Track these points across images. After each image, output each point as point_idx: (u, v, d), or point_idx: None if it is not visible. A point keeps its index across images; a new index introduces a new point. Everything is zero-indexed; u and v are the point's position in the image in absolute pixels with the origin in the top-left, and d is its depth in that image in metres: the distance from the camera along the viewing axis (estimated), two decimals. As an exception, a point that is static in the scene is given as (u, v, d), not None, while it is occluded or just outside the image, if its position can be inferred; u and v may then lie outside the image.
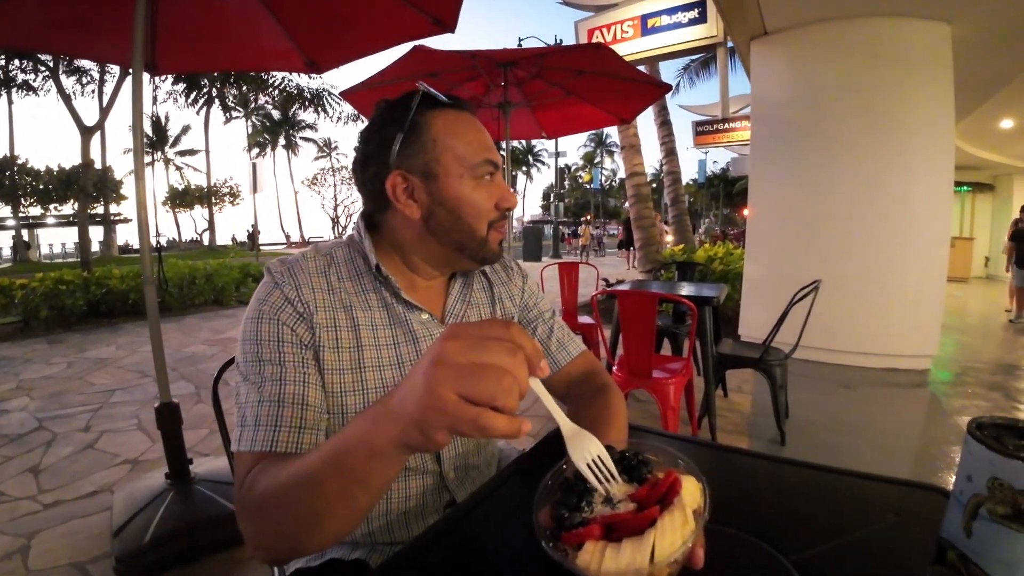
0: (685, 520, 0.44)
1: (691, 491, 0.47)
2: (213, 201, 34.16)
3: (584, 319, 3.95)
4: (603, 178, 52.89)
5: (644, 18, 7.38)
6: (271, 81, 26.13)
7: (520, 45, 10.85)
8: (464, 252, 0.82)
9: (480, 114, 0.86)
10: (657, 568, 0.42)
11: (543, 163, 57.77)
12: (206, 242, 34.99)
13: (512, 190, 0.86)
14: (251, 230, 33.97)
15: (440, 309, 0.88)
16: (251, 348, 0.72)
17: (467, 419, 0.40)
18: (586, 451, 0.50)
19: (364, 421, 0.49)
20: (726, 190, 43.23)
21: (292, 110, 36.92)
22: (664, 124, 10.32)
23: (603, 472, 0.51)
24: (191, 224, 51.71)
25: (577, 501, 0.49)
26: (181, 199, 36.08)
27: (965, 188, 13.32)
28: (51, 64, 15.05)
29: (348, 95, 3.89)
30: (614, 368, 2.71)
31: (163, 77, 16.20)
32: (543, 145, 52.07)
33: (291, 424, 0.67)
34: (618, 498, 0.49)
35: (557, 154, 34.46)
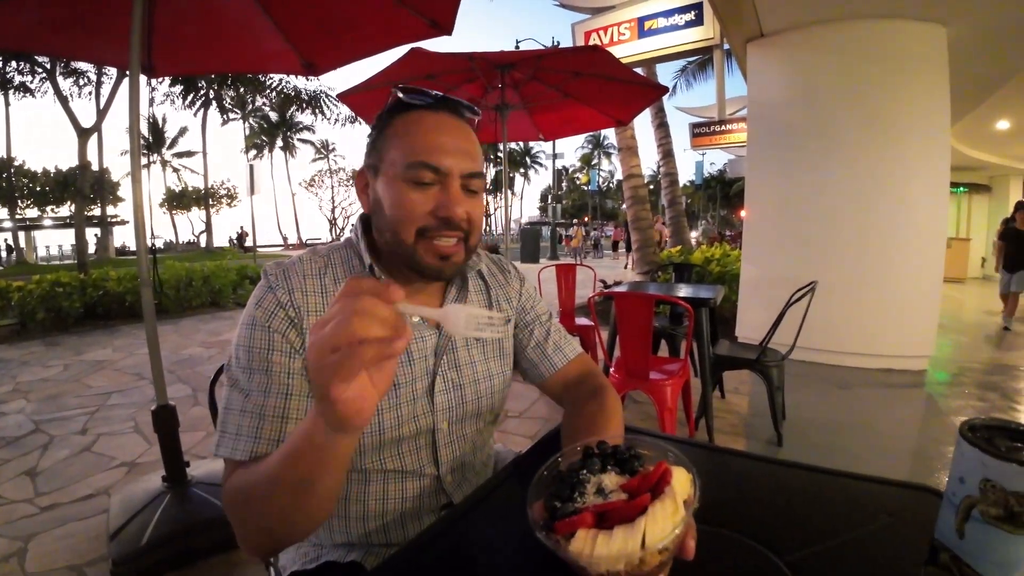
0: (676, 508, 0.45)
1: (681, 481, 0.48)
2: (210, 203, 34.07)
3: (582, 320, 3.95)
4: (600, 180, 52.94)
5: (641, 20, 7.39)
6: (268, 83, 26.09)
7: (517, 47, 10.89)
8: (401, 258, 0.79)
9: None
10: (648, 554, 0.43)
11: (540, 164, 57.91)
12: (203, 244, 34.91)
13: (457, 198, 0.75)
14: (239, 232, 33.88)
15: None
16: (243, 355, 0.73)
17: (340, 360, 0.43)
18: (461, 320, 0.51)
19: (302, 423, 0.54)
20: (723, 191, 43.37)
21: (289, 112, 36.90)
22: (661, 126, 10.34)
23: (483, 323, 0.53)
24: (188, 226, 51.60)
25: (570, 492, 0.49)
26: (178, 201, 35.98)
27: (961, 189, 13.37)
28: (48, 66, 15.02)
29: (345, 97, 3.89)
30: (611, 370, 2.71)
31: (160, 79, 16.21)
32: (540, 147, 52.31)
33: (270, 437, 0.69)
34: (610, 489, 0.50)
35: (555, 156, 34.61)
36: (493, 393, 0.91)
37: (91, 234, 27.14)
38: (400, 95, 0.77)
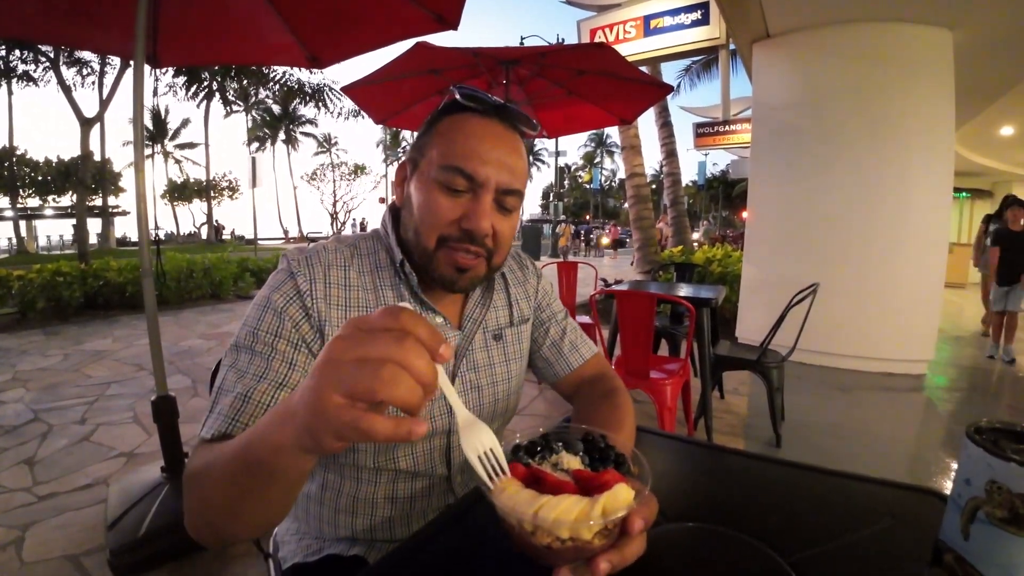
0: (584, 513, 0.44)
1: (618, 497, 0.46)
2: (212, 195, 34.02)
3: (582, 318, 3.95)
4: (603, 178, 52.91)
5: (647, 19, 7.37)
6: (272, 75, 26.08)
7: (522, 43, 10.85)
8: (419, 261, 0.76)
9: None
10: (540, 532, 0.45)
11: (543, 162, 57.79)
12: (204, 235, 34.88)
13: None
14: (216, 224, 33.57)
15: (458, 313, 0.86)
16: (248, 336, 0.70)
17: (347, 423, 0.37)
18: (478, 443, 0.50)
19: (272, 417, 0.47)
20: (725, 192, 43.30)
21: (292, 105, 36.80)
22: (665, 125, 10.33)
23: (493, 465, 0.50)
24: (190, 218, 51.55)
25: (534, 452, 0.53)
26: (180, 192, 35.94)
27: (964, 194, 13.39)
28: (51, 55, 14.98)
29: (349, 91, 3.89)
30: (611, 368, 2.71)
31: (163, 70, 16.15)
32: (543, 144, 52.07)
33: (248, 423, 0.65)
34: (564, 467, 0.51)
35: (557, 153, 34.41)
36: (510, 395, 0.90)
37: (95, 224, 27.16)
38: (457, 95, 0.73)
